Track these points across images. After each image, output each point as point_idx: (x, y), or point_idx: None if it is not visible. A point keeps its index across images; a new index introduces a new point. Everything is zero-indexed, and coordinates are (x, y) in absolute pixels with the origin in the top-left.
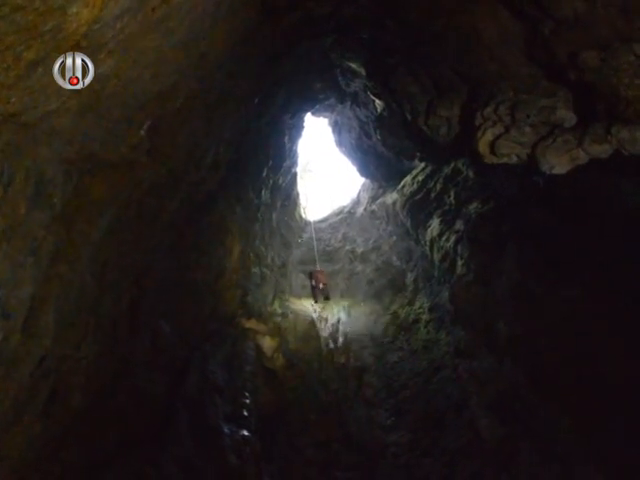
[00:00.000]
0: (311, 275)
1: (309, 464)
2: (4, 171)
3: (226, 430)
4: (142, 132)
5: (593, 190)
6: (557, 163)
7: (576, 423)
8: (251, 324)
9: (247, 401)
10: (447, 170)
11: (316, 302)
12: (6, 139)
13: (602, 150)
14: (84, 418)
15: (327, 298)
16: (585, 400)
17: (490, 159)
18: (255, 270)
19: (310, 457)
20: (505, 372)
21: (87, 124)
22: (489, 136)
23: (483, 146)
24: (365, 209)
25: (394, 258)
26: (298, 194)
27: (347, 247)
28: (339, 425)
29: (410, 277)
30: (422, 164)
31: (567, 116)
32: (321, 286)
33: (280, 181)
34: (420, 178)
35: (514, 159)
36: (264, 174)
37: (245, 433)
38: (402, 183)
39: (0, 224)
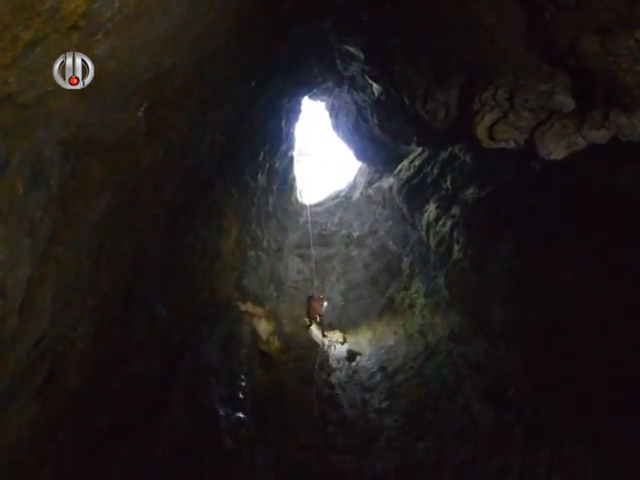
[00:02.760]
0: (308, 302)
1: (303, 447)
2: (1, 152)
3: (221, 412)
4: (139, 114)
5: (590, 176)
6: (555, 148)
7: (568, 408)
8: (247, 307)
9: (242, 384)
10: (444, 155)
11: (310, 326)
12: (3, 120)
13: (600, 136)
14: (80, 399)
15: (323, 334)
16: (578, 386)
17: (488, 144)
18: (251, 254)
19: (304, 440)
20: (499, 357)
21: (84, 105)
22: (487, 121)
23: (481, 131)
24: (361, 193)
25: (390, 243)
26: (294, 178)
27: (343, 231)
28: (334, 409)
29: (406, 262)
30: (419, 149)
31: (566, 101)
32: (318, 318)
33: (277, 165)
34: (417, 163)
35: (512, 144)
36: (261, 158)
37: (240, 415)
38: (399, 167)
39: None
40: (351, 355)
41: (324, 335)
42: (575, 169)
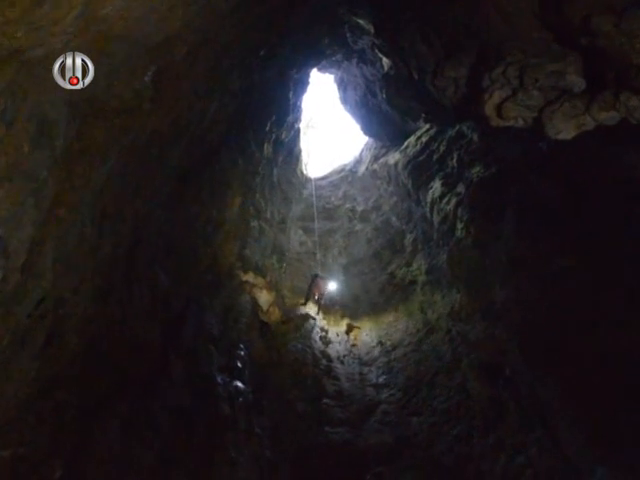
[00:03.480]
0: (313, 280)
1: (299, 418)
2: (7, 109)
3: (219, 380)
4: (146, 78)
5: (596, 160)
6: (563, 128)
7: (563, 390)
8: (248, 277)
9: (241, 353)
10: (451, 132)
11: (305, 304)
12: (10, 76)
13: (609, 117)
14: (80, 361)
15: (318, 308)
16: (573, 368)
17: (496, 122)
18: (254, 224)
19: (300, 411)
20: (497, 337)
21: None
22: (496, 98)
23: (490, 108)
24: (367, 168)
25: (394, 219)
26: (300, 150)
27: (347, 205)
28: (331, 381)
29: (409, 238)
30: (426, 125)
31: (576, 81)
32: (317, 296)
33: (283, 136)
34: (424, 139)
35: (520, 122)
36: (267, 128)
37: (238, 384)
38: (405, 144)
39: (2, 162)
40: (350, 328)
41: (317, 313)
42: (581, 152)
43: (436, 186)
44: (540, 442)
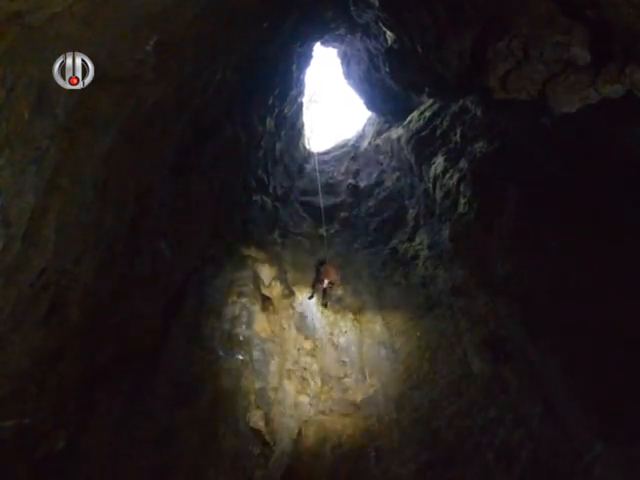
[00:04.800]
0: (320, 266)
1: (299, 392)
2: (7, 75)
3: (221, 353)
4: (148, 47)
5: (599, 135)
6: (567, 101)
7: (563, 363)
8: (250, 252)
9: (243, 327)
10: (455, 107)
11: (312, 297)
12: (9, 41)
13: (614, 90)
14: (82, 333)
15: (325, 304)
16: (576, 344)
17: (500, 94)
18: (256, 198)
19: (300, 386)
20: (499, 312)
21: (93, 32)
22: (500, 71)
23: (494, 80)
24: (370, 143)
25: (396, 194)
26: (303, 125)
27: (349, 180)
28: (332, 356)
29: (411, 213)
30: (430, 100)
31: (581, 54)
32: (325, 284)
33: (286, 110)
34: (427, 114)
35: (524, 95)
36: (270, 102)
37: (240, 357)
38: (408, 119)
39: (3, 129)
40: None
41: (324, 305)
42: (584, 126)
43: (439, 161)
44: (540, 417)
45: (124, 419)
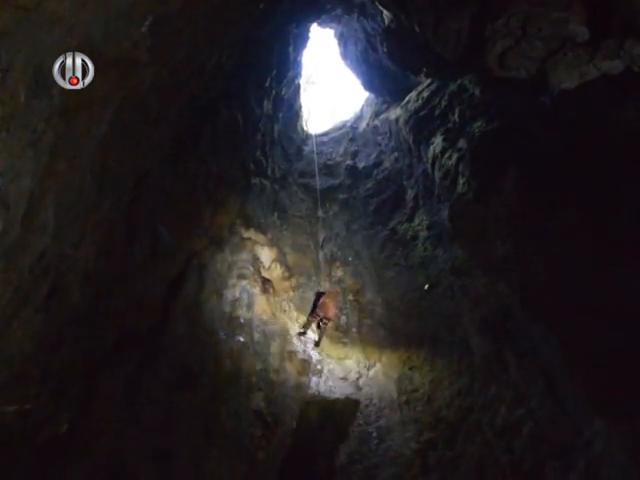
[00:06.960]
0: (317, 298)
1: (301, 374)
2: (1, 56)
3: (222, 335)
4: (144, 29)
5: (599, 113)
6: (566, 78)
7: (562, 341)
8: (250, 234)
9: (244, 309)
10: (453, 87)
11: (304, 332)
12: (3, 23)
13: (613, 66)
14: (82, 317)
15: (317, 343)
16: (575, 323)
17: (499, 72)
18: (255, 181)
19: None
20: (498, 291)
21: (88, 13)
22: (499, 48)
23: (492, 59)
24: (368, 124)
25: (395, 174)
26: (301, 106)
27: (348, 162)
28: (333, 337)
29: (410, 194)
30: (428, 80)
31: (579, 30)
32: (322, 322)
33: (283, 92)
34: (425, 94)
35: (523, 73)
36: (267, 84)
37: (240, 339)
38: (406, 99)
39: None
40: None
41: (317, 344)
42: (583, 105)
43: (437, 141)
44: (540, 395)
45: (126, 402)
